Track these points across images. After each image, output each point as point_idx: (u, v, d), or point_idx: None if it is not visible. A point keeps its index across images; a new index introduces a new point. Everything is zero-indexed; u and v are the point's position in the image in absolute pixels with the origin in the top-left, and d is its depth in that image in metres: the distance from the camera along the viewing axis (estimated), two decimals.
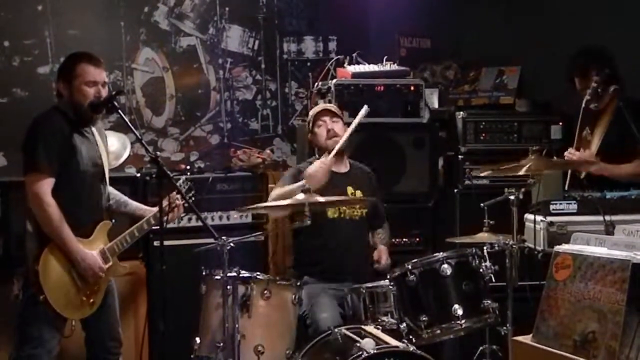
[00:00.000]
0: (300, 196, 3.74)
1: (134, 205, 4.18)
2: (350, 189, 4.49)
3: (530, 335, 2.84)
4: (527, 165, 3.96)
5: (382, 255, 4.45)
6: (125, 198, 4.20)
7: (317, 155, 4.55)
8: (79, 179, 3.81)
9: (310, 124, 4.57)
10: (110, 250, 3.90)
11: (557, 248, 2.85)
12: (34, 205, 3.72)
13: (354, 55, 5.30)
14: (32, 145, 3.74)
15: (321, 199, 3.76)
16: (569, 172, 4.53)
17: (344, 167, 4.57)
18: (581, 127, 4.50)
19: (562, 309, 2.72)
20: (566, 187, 4.48)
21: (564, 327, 2.69)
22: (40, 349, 3.75)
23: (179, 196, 4.05)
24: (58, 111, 3.83)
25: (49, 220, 3.69)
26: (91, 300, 3.85)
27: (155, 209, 3.95)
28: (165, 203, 3.89)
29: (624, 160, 4.40)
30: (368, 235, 4.60)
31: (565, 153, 4.52)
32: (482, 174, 4.28)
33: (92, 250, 3.83)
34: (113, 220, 3.99)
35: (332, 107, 4.62)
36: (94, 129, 3.95)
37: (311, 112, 4.63)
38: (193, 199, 4.24)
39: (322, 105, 4.68)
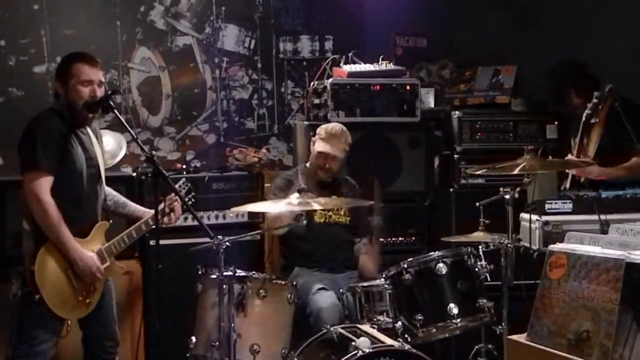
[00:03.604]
0: (295, 196, 3.75)
1: (133, 206, 4.18)
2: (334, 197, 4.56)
3: (525, 334, 2.84)
4: (522, 165, 3.96)
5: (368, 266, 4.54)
6: (124, 199, 4.20)
7: (307, 164, 4.64)
8: (75, 179, 3.81)
9: (314, 143, 4.58)
10: (108, 250, 3.90)
11: (551, 247, 2.85)
12: (32, 204, 3.71)
13: (350, 54, 5.31)
14: (30, 145, 3.74)
15: (317, 206, 3.78)
16: (570, 173, 4.53)
17: (329, 178, 4.64)
18: (582, 137, 4.48)
19: (556, 308, 2.72)
20: (567, 186, 4.48)
21: (558, 326, 2.69)
22: (36, 349, 3.75)
23: (177, 198, 4.05)
24: (54, 112, 3.83)
25: (47, 218, 3.69)
26: (87, 300, 3.85)
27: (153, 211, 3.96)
28: (162, 205, 3.90)
29: (622, 161, 4.42)
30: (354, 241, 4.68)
31: (568, 157, 4.51)
32: (477, 172, 4.29)
33: (89, 250, 3.84)
34: (110, 221, 4.00)
35: (338, 148, 4.51)
36: (89, 129, 3.95)
37: (323, 139, 4.53)
38: (193, 200, 4.24)
39: (333, 145, 4.51)
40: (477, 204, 4.29)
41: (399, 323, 3.86)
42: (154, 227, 3.90)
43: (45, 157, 3.71)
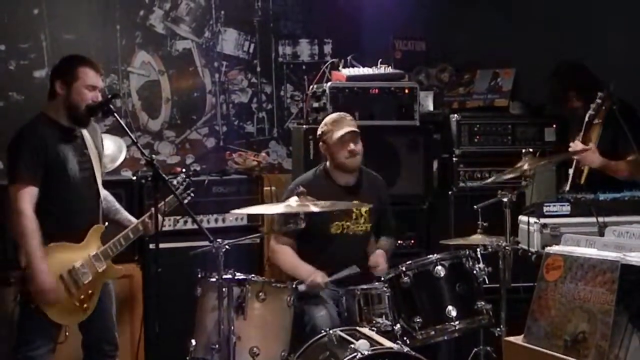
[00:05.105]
0: (294, 199, 3.76)
1: (124, 215, 4.17)
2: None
3: (522, 335, 2.86)
4: (527, 164, 3.98)
5: (379, 259, 4.36)
6: (117, 206, 4.19)
7: (327, 164, 4.49)
8: (67, 185, 3.82)
9: (329, 138, 4.40)
10: (104, 253, 3.90)
11: (548, 249, 2.87)
12: (13, 214, 3.72)
13: (348, 58, 5.33)
14: (14, 156, 3.75)
15: (315, 208, 3.77)
16: (570, 175, 4.54)
17: (352, 180, 4.49)
18: (584, 138, 4.48)
19: (552, 310, 2.74)
20: (567, 189, 4.49)
21: (555, 328, 2.71)
22: (33, 354, 3.77)
23: (160, 207, 3.99)
24: (44, 118, 3.83)
25: (22, 230, 3.68)
26: (84, 305, 3.85)
27: (148, 214, 3.98)
28: (160, 204, 3.91)
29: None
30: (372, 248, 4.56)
31: (571, 144, 4.50)
32: (483, 183, 4.30)
33: (86, 254, 3.85)
34: (106, 223, 4.01)
35: (355, 126, 4.42)
36: (84, 131, 3.95)
37: (331, 125, 4.42)
38: (192, 195, 4.23)
39: (347, 124, 4.40)
40: (475, 206, 4.31)
41: (398, 325, 3.87)
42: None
43: (29, 169, 3.71)
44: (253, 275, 3.86)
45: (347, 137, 4.36)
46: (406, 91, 5.12)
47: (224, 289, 3.65)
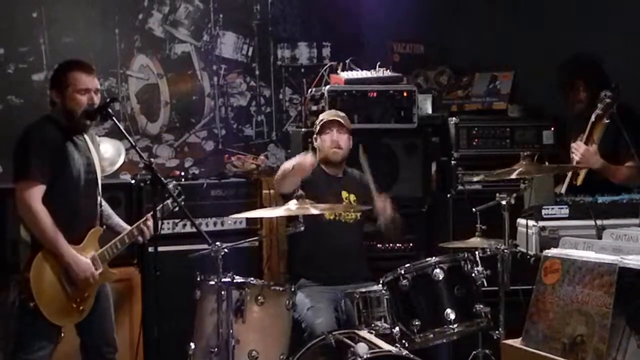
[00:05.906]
0: (293, 202, 3.77)
1: (116, 220, 4.18)
2: (344, 193, 4.59)
3: (520, 338, 2.86)
4: (519, 170, 3.99)
5: (386, 205, 4.52)
6: (110, 211, 4.20)
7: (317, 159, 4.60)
8: (72, 186, 3.83)
9: (317, 128, 4.62)
10: (101, 256, 3.91)
11: (546, 252, 2.88)
12: (23, 212, 3.74)
13: (347, 61, 5.33)
14: (23, 153, 3.76)
15: (315, 210, 3.79)
16: (567, 177, 4.54)
17: (340, 172, 4.66)
18: (588, 138, 4.48)
19: (550, 313, 2.75)
20: (563, 191, 4.49)
21: (553, 331, 2.71)
22: (33, 357, 3.77)
23: (149, 217, 3.99)
24: (50, 120, 3.85)
25: (40, 225, 3.71)
26: (81, 307, 3.86)
27: (143, 219, 3.99)
28: (158, 207, 3.92)
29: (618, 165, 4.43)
30: (363, 239, 4.69)
31: (572, 144, 4.50)
32: (475, 179, 4.30)
33: (83, 257, 3.85)
34: (104, 226, 4.01)
35: (341, 118, 4.61)
36: (86, 136, 3.96)
37: (321, 116, 4.66)
38: (182, 203, 4.24)
39: (332, 113, 4.66)
40: (474, 209, 4.31)
41: (397, 328, 3.87)
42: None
43: (38, 166, 3.72)
44: (252, 278, 3.87)
45: (330, 125, 4.55)
46: (405, 94, 5.12)
47: (223, 292, 3.66)
